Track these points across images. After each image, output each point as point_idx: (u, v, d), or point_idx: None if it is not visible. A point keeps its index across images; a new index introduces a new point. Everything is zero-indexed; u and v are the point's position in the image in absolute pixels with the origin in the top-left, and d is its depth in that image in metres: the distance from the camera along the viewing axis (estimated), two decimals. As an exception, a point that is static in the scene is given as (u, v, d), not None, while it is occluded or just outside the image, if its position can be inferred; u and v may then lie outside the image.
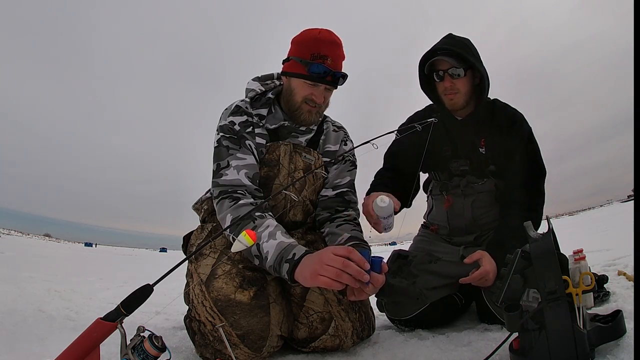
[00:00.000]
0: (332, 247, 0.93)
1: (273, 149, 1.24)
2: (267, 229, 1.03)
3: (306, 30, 1.19)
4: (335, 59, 1.16)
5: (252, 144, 1.21)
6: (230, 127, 1.21)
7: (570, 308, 0.76)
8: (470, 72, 1.33)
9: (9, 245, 11.26)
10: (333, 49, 1.15)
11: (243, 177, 1.14)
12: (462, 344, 1.10)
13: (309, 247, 1.22)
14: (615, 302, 1.23)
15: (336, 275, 0.86)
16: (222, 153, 1.18)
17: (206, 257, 1.11)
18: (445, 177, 1.50)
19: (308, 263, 0.92)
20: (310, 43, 1.15)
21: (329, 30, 1.17)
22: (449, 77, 1.32)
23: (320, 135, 1.36)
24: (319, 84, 1.17)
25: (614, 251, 2.48)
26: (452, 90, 1.33)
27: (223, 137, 1.20)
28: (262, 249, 1.00)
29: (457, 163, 1.44)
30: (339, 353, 1.14)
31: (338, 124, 1.43)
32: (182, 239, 1.34)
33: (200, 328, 1.06)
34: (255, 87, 1.29)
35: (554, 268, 0.78)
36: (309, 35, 1.16)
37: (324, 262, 0.87)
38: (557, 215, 61.31)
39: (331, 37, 1.16)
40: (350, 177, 1.37)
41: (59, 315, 1.61)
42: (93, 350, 0.73)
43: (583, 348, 0.72)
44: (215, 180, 1.16)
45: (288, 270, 0.94)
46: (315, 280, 0.88)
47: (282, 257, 0.96)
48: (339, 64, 1.18)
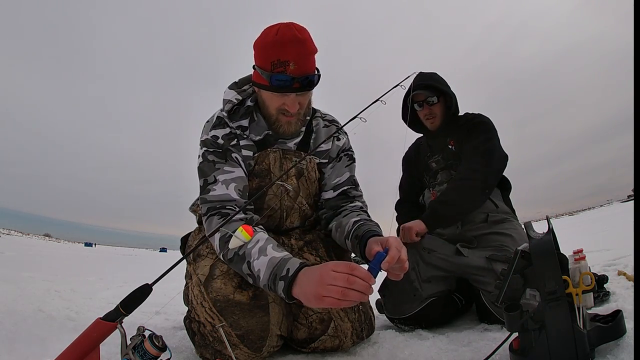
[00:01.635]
0: (332, 263, 0.83)
1: (262, 159, 1.17)
2: (257, 245, 0.95)
3: (265, 31, 1.03)
4: (300, 60, 1.00)
5: (238, 157, 1.14)
6: (213, 141, 1.13)
7: (570, 308, 0.76)
8: (442, 98, 1.64)
9: (9, 245, 11.26)
10: (295, 50, 0.99)
11: (232, 192, 1.07)
12: (462, 344, 1.10)
13: (308, 247, 1.21)
14: (615, 302, 1.22)
15: (342, 294, 0.78)
16: (208, 168, 1.11)
17: (204, 258, 1.11)
18: (431, 178, 1.72)
19: (307, 282, 0.83)
20: (268, 49, 1.00)
21: (288, 26, 1.00)
22: (426, 105, 1.63)
23: (311, 135, 1.27)
24: (287, 93, 1.04)
25: (614, 251, 2.48)
26: (431, 115, 1.64)
27: (207, 151, 1.13)
28: (253, 267, 0.93)
29: (432, 159, 1.72)
30: (339, 353, 1.14)
31: (329, 117, 1.33)
32: (179, 240, 1.32)
33: (199, 329, 1.06)
34: (232, 97, 1.16)
35: (554, 268, 0.78)
36: (266, 39, 1.00)
37: (326, 282, 0.79)
38: (557, 215, 61.33)
39: (291, 35, 0.99)
40: (350, 173, 1.29)
41: (59, 315, 1.61)
42: (93, 350, 0.73)
43: (583, 348, 0.72)
44: (203, 196, 1.08)
45: (284, 289, 0.87)
46: (319, 302, 0.80)
47: (276, 275, 0.89)
48: (306, 64, 1.01)
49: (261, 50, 1.02)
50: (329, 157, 1.27)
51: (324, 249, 1.22)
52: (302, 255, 1.19)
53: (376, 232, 1.04)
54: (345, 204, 1.25)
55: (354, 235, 1.08)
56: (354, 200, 1.26)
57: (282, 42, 0.98)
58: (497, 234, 1.43)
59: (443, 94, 1.63)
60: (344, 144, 1.31)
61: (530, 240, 0.85)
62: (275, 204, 1.19)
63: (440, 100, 1.63)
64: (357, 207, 1.24)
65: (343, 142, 1.30)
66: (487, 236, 1.45)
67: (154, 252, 46.53)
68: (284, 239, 1.21)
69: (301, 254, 1.19)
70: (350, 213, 1.20)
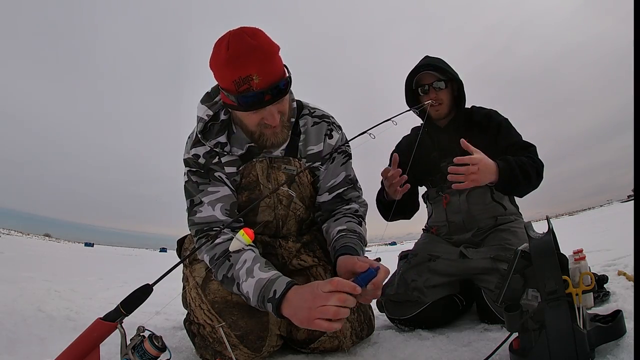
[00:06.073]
0: (318, 283, 0.82)
1: (248, 171, 1.12)
2: (244, 266, 0.94)
3: (215, 48, 0.93)
4: (263, 69, 0.89)
5: (222, 175, 1.10)
6: (194, 160, 1.10)
7: (570, 308, 0.76)
8: (450, 84, 1.51)
9: (9, 245, 11.25)
10: (255, 60, 0.88)
11: (218, 212, 1.06)
12: (462, 344, 1.10)
13: (305, 248, 1.20)
14: (615, 302, 1.22)
15: (334, 314, 0.78)
16: (192, 189, 1.09)
17: (200, 261, 1.10)
18: (440, 180, 1.58)
19: (298, 304, 0.83)
20: (224, 68, 0.90)
21: (238, 34, 0.89)
22: (433, 90, 1.49)
23: (299, 137, 1.17)
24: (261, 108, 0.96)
25: (614, 251, 2.47)
26: (437, 101, 1.49)
27: (190, 171, 1.11)
28: (242, 289, 0.94)
29: (445, 162, 1.53)
30: (339, 353, 1.14)
31: (318, 112, 1.21)
32: (176, 242, 1.30)
33: (199, 330, 1.06)
34: (202, 113, 1.07)
35: (554, 268, 0.78)
36: (219, 57, 0.90)
37: (317, 305, 0.79)
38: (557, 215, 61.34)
39: (245, 45, 0.88)
40: (346, 172, 1.21)
41: (59, 315, 1.61)
42: (93, 350, 0.73)
43: (583, 348, 0.72)
44: (191, 218, 1.08)
45: (273, 310, 0.87)
46: (313, 325, 0.79)
47: (264, 297, 0.89)
48: (271, 72, 0.91)
49: (218, 71, 0.93)
50: (322, 159, 1.19)
51: (320, 250, 1.21)
52: (299, 257, 1.18)
53: (350, 248, 1.02)
54: (339, 206, 1.20)
55: (332, 247, 1.08)
56: (350, 202, 1.21)
57: (236, 56, 0.88)
58: (501, 231, 1.43)
59: (451, 81, 1.51)
60: (338, 140, 1.21)
61: (530, 240, 0.85)
62: (269, 216, 1.16)
63: (448, 86, 1.50)
64: (351, 211, 1.18)
65: (336, 139, 1.20)
66: (491, 234, 1.45)
67: (154, 252, 46.54)
68: (281, 241, 1.19)
69: (299, 256, 1.19)
70: (341, 218, 1.15)
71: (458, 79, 1.49)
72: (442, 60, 1.52)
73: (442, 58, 1.53)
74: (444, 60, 1.52)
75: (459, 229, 1.54)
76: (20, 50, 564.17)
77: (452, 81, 1.51)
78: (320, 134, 1.19)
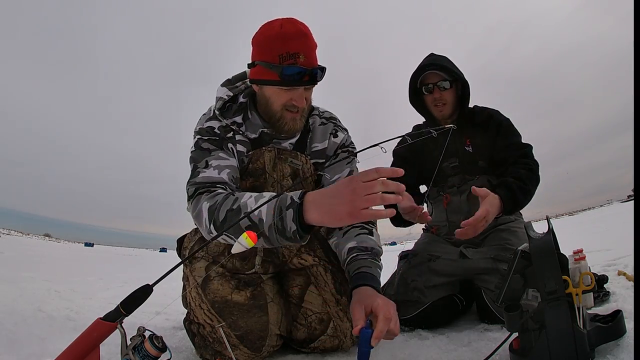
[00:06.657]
0: (353, 176, 0.76)
1: (257, 157, 1.12)
2: (251, 196, 0.87)
3: (265, 26, 1.00)
4: (308, 52, 0.98)
5: (234, 149, 1.09)
6: (209, 130, 1.09)
7: (570, 308, 0.76)
8: (455, 84, 1.50)
9: (9, 245, 11.26)
10: (303, 42, 0.98)
11: (225, 176, 1.00)
12: (462, 344, 1.10)
13: (305, 247, 1.19)
14: (615, 302, 1.22)
15: (382, 200, 0.72)
16: (201, 155, 1.03)
17: (199, 260, 1.09)
18: (441, 180, 1.59)
19: (328, 200, 0.76)
20: (274, 42, 0.97)
21: (291, 20, 0.99)
22: (437, 89, 1.48)
23: (308, 134, 1.21)
24: (297, 87, 1.01)
25: (614, 251, 2.48)
26: (441, 101, 1.49)
27: (201, 139, 1.07)
28: (252, 215, 0.83)
29: (447, 162, 1.56)
30: (339, 353, 1.14)
31: (327, 114, 1.26)
32: (176, 242, 1.28)
33: (199, 330, 1.06)
34: (222, 93, 1.13)
35: (554, 268, 0.78)
36: (271, 33, 0.97)
37: (362, 194, 0.72)
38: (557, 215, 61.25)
39: (297, 29, 0.97)
40: (350, 168, 1.21)
41: (59, 315, 1.61)
42: (93, 351, 0.73)
43: (583, 348, 0.72)
44: (192, 180, 1.00)
45: (294, 217, 0.78)
46: (360, 217, 0.73)
47: (281, 208, 0.80)
48: (312, 57, 1.00)
49: (265, 44, 0.99)
50: (326, 156, 1.21)
51: (321, 249, 1.21)
52: (300, 256, 1.18)
53: (365, 276, 0.96)
54: None
55: (347, 270, 1.04)
56: None
57: (288, 35, 0.96)
58: (501, 231, 1.43)
59: (456, 81, 1.50)
60: (342, 140, 1.23)
61: (530, 240, 0.85)
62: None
63: (452, 86, 1.50)
64: None
65: (341, 138, 1.23)
66: (491, 234, 1.45)
67: (154, 252, 46.54)
68: None
69: (299, 255, 1.18)
70: (349, 230, 1.11)
71: (463, 78, 1.48)
72: (448, 58, 1.51)
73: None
74: (449, 58, 1.51)
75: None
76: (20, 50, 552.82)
77: (456, 81, 1.50)
78: (326, 133, 1.22)
